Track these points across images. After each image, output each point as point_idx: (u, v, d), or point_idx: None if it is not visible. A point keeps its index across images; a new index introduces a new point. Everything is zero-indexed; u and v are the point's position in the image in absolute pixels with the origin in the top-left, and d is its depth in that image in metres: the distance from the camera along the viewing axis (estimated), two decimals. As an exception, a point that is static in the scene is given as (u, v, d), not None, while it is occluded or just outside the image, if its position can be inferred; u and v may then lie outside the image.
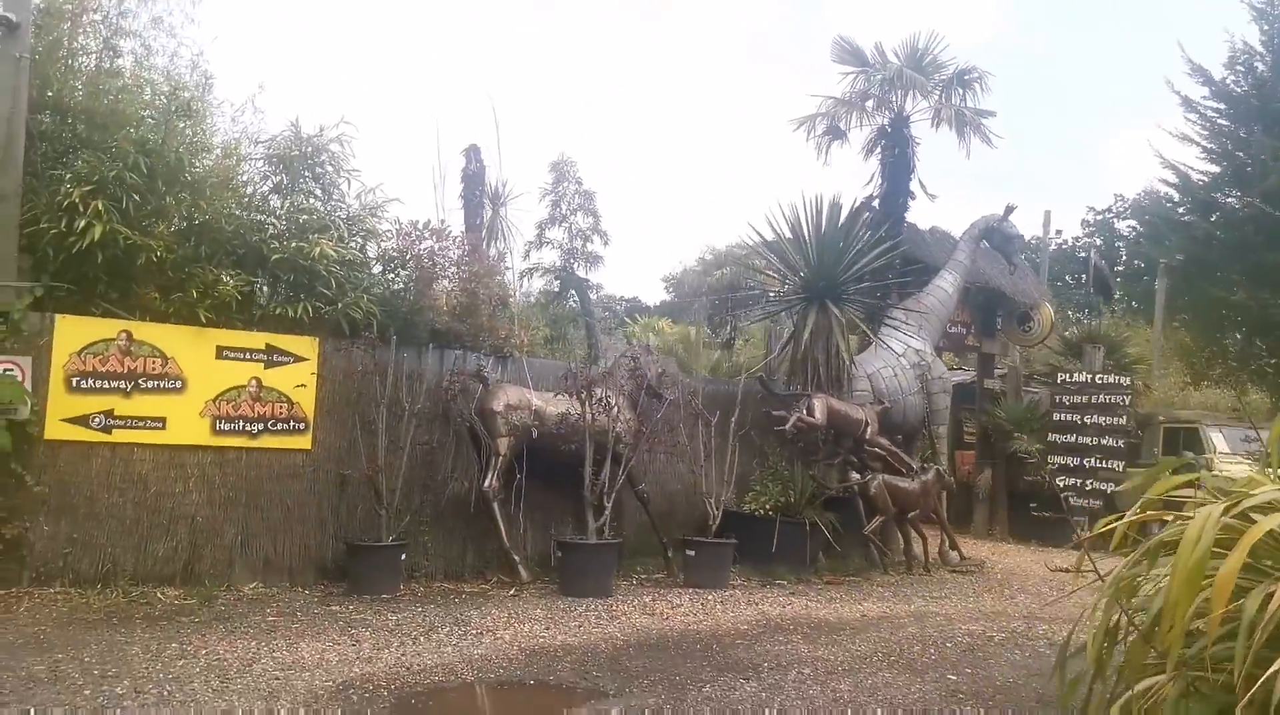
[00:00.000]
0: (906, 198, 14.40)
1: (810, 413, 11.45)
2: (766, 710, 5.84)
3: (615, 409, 10.28)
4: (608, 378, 10.51)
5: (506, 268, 12.86)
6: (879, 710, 5.94)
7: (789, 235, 12.55)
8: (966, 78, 14.50)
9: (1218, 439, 16.40)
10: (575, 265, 16.88)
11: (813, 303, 12.24)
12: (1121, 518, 4.28)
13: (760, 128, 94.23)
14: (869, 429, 12.09)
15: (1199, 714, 3.15)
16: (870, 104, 14.55)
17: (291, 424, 9.52)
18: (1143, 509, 4.16)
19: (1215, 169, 30.08)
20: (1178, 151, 32.58)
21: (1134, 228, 39.44)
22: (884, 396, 13.01)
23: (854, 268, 12.42)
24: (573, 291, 16.26)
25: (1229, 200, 29.51)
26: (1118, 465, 16.32)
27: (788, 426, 11.27)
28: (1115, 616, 3.83)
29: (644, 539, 11.35)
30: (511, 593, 9.53)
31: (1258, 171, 27.36)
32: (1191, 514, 3.82)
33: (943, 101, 14.32)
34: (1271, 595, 2.88)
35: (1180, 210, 31.55)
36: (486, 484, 9.91)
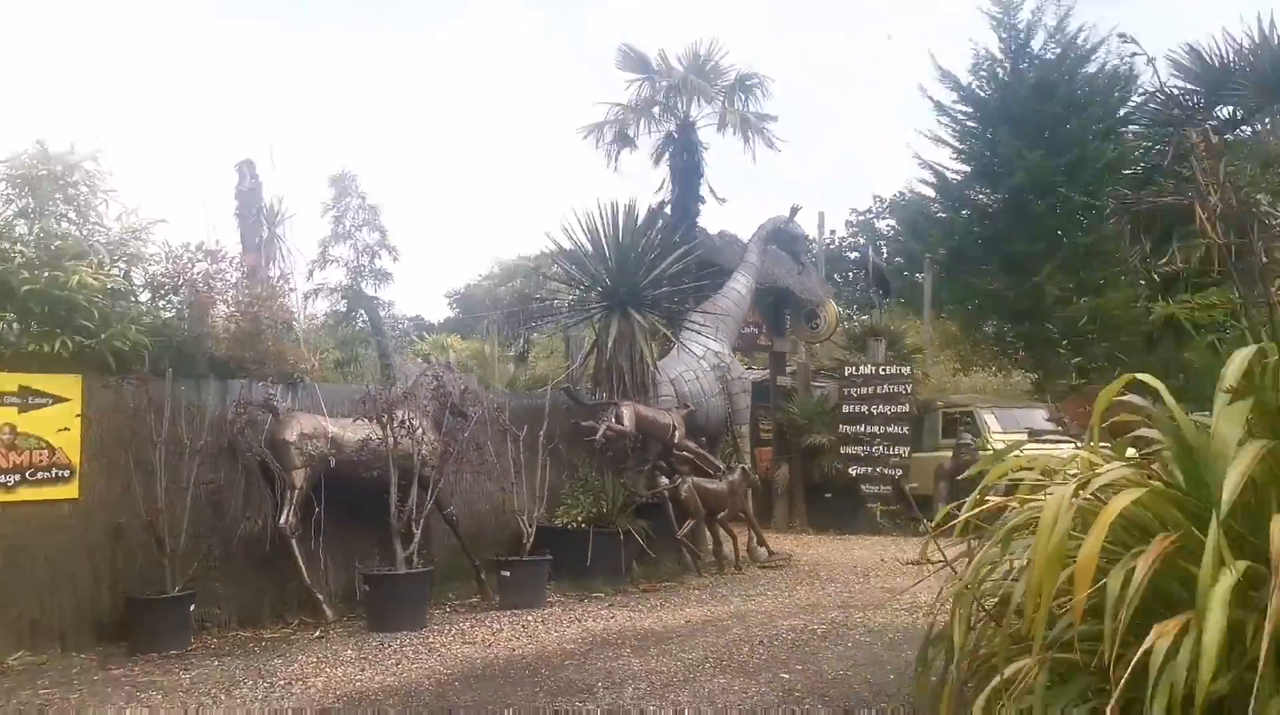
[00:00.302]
0: (697, 202, 14.61)
1: (619, 421, 11.35)
2: (609, 732, 5.64)
3: (419, 431, 9.84)
4: (409, 399, 10.04)
5: (291, 289, 12.10)
6: (722, 719, 5.85)
7: (587, 243, 12.42)
8: (748, 83, 14.84)
9: (990, 420, 17.42)
10: (364, 283, 16.22)
11: (614, 310, 12.16)
12: (961, 504, 4.31)
13: (548, 137, 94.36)
14: (677, 433, 12.11)
15: (1068, 695, 3.16)
16: (657, 110, 14.67)
17: (54, 472, 8.54)
18: (981, 494, 4.20)
19: (967, 168, 32.40)
20: (933, 153, 34.74)
21: (893, 227, 41.90)
22: (688, 400, 13.09)
23: (653, 273, 12.43)
24: (362, 311, 15.59)
25: (980, 197, 31.82)
26: (903, 451, 17.12)
27: (598, 436, 11.13)
28: (972, 605, 3.86)
29: (455, 563, 10.91)
30: (317, 634, 8.90)
31: (1005, 169, 29.61)
32: (1039, 498, 3.88)
33: (726, 106, 14.61)
34: (1132, 572, 2.90)
35: (937, 207, 33.82)
36: (283, 520, 9.24)
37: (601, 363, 12.21)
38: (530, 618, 9.42)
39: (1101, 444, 3.95)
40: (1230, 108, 17.86)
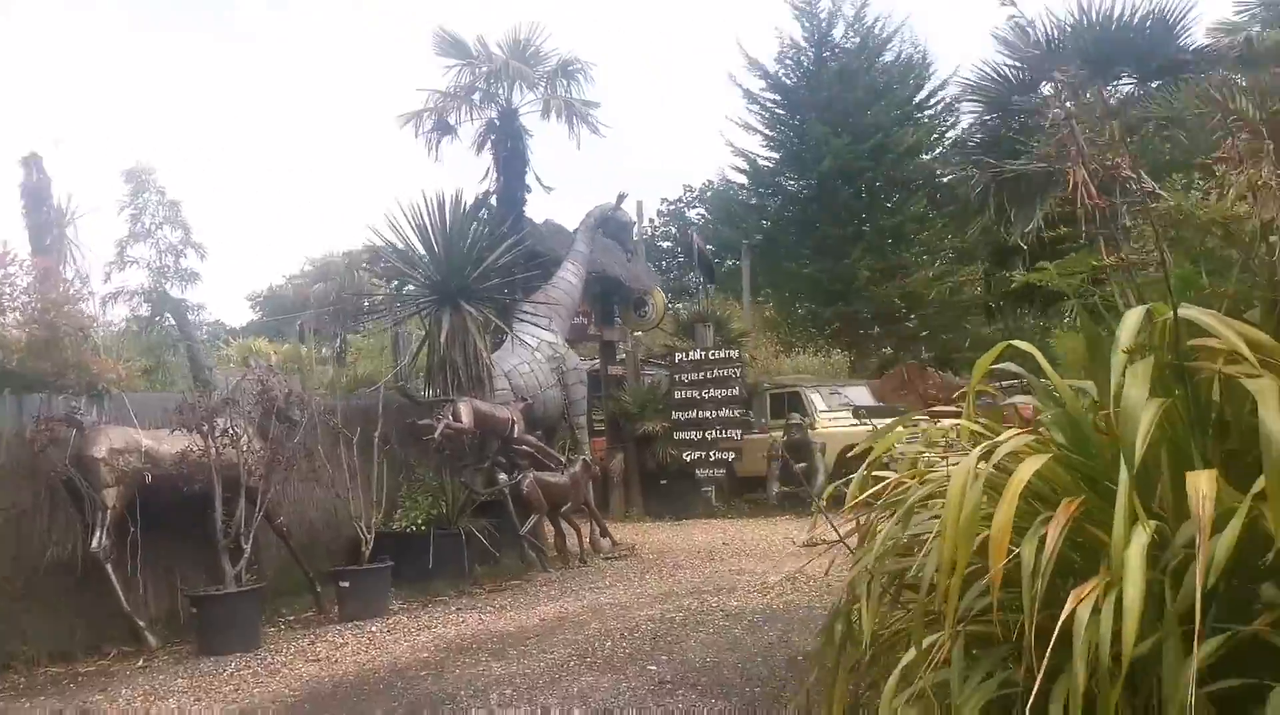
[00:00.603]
0: (523, 191, 14.28)
1: (457, 418, 10.97)
2: (481, 744, 5.36)
3: (244, 439, 9.21)
4: (230, 405, 9.37)
5: (89, 293, 11.12)
6: (597, 718, 5.66)
7: (413, 236, 11.95)
8: (570, 69, 14.61)
9: (816, 399, 17.89)
10: (168, 285, 15.10)
11: (445, 304, 11.75)
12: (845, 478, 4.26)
13: (364, 128, 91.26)
14: (516, 428, 11.83)
15: (986, 665, 3.12)
16: (478, 97, 14.26)
17: None
18: (870, 468, 4.15)
19: (777, 155, 33.25)
20: (745, 141, 35.51)
21: (703, 215, 42.65)
22: (524, 393, 12.81)
23: (483, 265, 12.06)
24: (167, 314, 14.50)
25: (790, 183, 32.74)
26: (736, 433, 17.34)
27: (436, 434, 10.71)
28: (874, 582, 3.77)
29: (286, 576, 10.28)
30: (140, 664, 8.18)
31: (813, 156, 30.54)
32: (936, 470, 3.85)
33: (550, 93, 14.35)
34: (1043, 539, 2.87)
35: (749, 194, 34.59)
36: (95, 544, 8.46)
37: (434, 359, 11.79)
38: (374, 628, 8.97)
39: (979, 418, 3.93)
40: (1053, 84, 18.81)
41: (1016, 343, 3.86)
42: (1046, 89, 6.64)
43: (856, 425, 17.28)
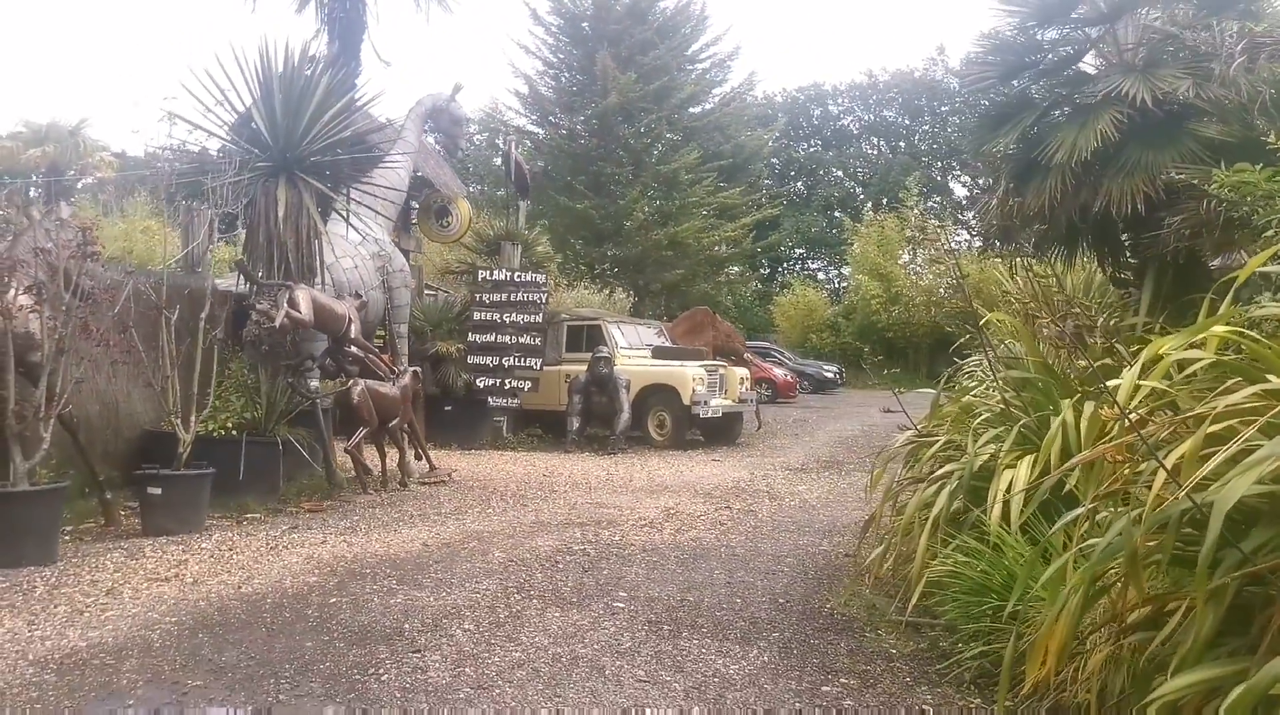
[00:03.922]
0: (358, 63, 12.50)
1: (294, 306, 9.37)
2: (497, 688, 4.30)
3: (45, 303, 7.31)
4: (40, 257, 7.39)
5: None
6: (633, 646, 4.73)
7: (247, 90, 10.01)
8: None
9: (618, 335, 17.24)
10: None
11: (278, 175, 9.98)
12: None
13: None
14: (352, 327, 10.32)
15: None
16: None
17: None
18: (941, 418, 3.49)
19: (557, 84, 32.17)
20: (525, 64, 34.05)
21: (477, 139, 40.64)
22: (345, 291, 11.26)
23: (317, 134, 10.32)
24: None
25: (568, 115, 31.80)
26: (535, 362, 16.37)
27: (277, 323, 9.08)
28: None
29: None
30: (-111, 577, 6.29)
31: (599, 88, 29.76)
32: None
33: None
34: None
35: (524, 120, 33.32)
36: None
37: (259, 237, 9.99)
38: (204, 545, 7.45)
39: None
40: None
41: None
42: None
43: (658, 364, 16.86)
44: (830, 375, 33.69)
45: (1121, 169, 5.82)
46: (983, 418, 5.75)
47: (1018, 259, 7.50)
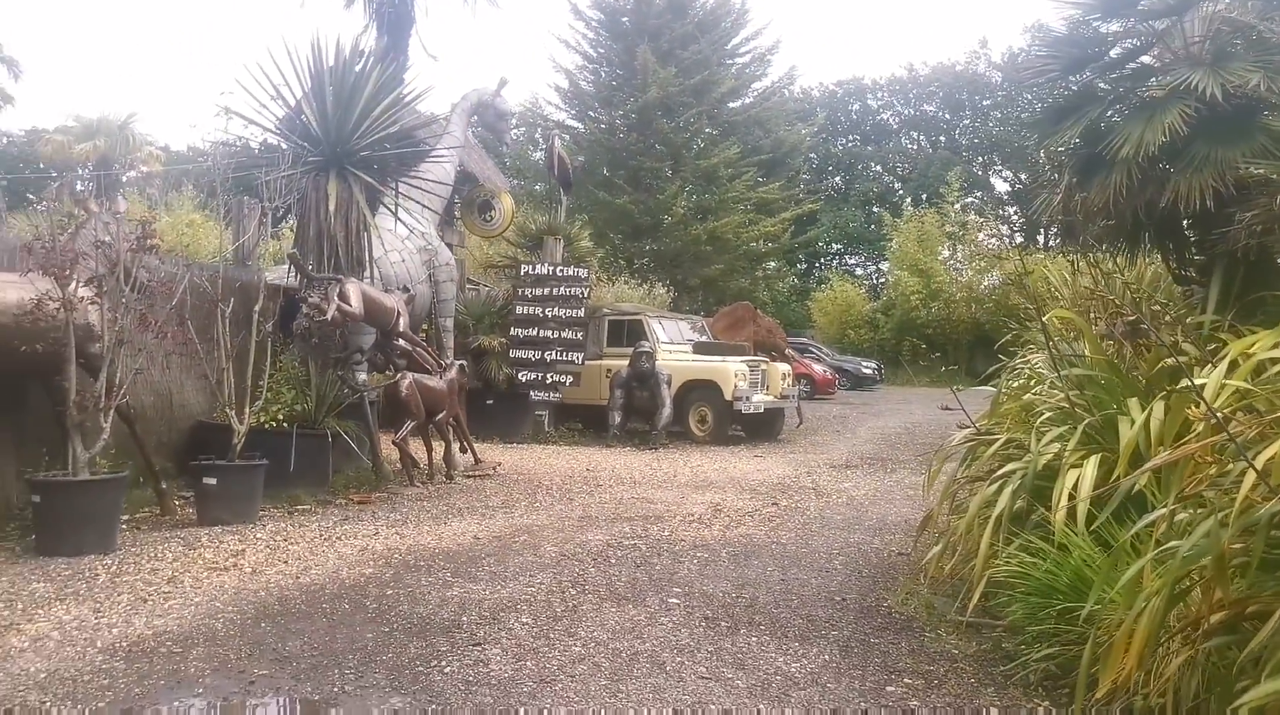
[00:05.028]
0: (405, 58, 12.54)
1: (345, 300, 9.42)
2: (560, 685, 4.29)
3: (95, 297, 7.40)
4: (101, 249, 7.48)
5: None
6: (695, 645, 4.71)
7: (298, 84, 10.08)
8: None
9: (659, 329, 17.21)
10: None
11: (328, 170, 10.04)
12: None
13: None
14: (401, 320, 10.37)
15: None
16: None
17: None
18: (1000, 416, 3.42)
19: (597, 77, 32.16)
20: (566, 58, 33.91)
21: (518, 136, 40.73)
22: (392, 284, 11.31)
23: (367, 129, 10.36)
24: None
25: (609, 110, 31.75)
26: (577, 357, 16.39)
27: (328, 316, 9.14)
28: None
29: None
30: (-45, 563, 6.39)
31: (639, 83, 29.68)
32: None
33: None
34: None
35: (564, 115, 33.33)
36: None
37: (310, 231, 10.06)
38: (259, 536, 7.52)
39: None
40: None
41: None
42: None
43: (699, 360, 16.82)
44: (869, 372, 33.47)
45: (1190, 164, 5.71)
46: (1045, 416, 5.68)
47: (1081, 255, 7.39)
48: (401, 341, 10.63)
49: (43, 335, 7.05)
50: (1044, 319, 6.13)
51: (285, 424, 9.56)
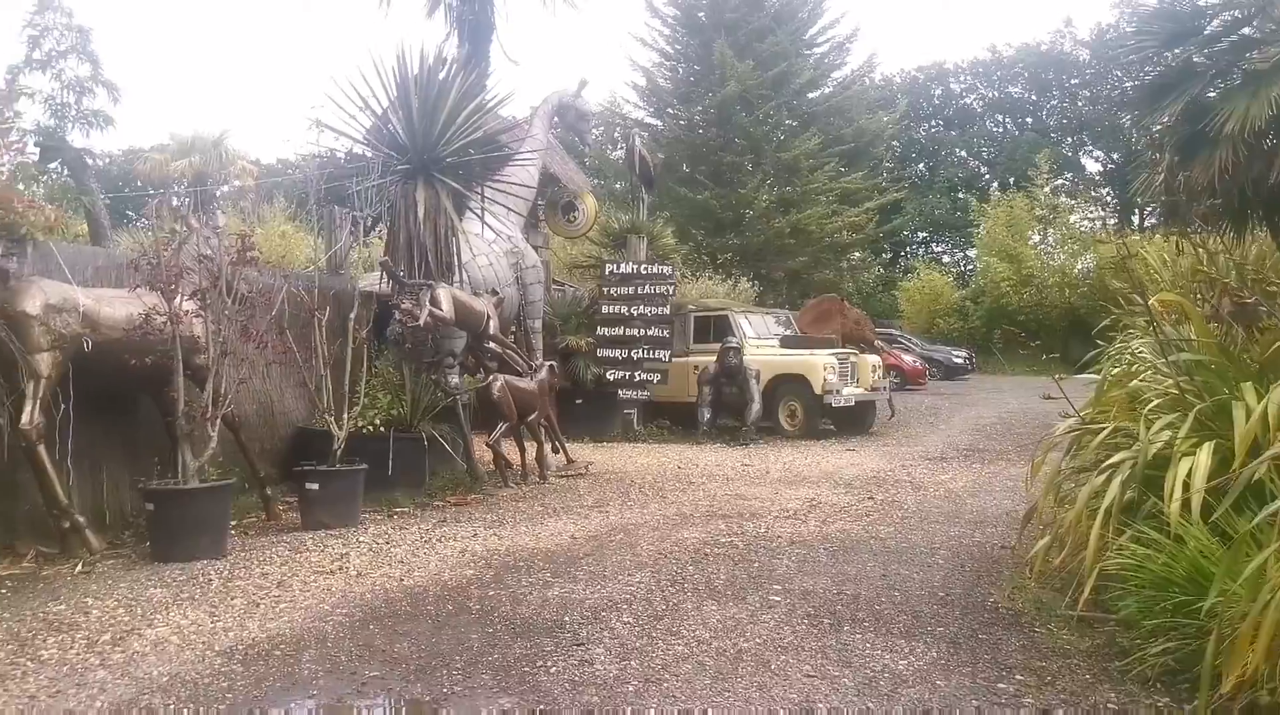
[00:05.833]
0: (487, 63, 12.70)
1: (436, 305, 9.57)
2: (663, 680, 4.30)
3: (209, 309, 7.64)
4: (204, 263, 7.74)
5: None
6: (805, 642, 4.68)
7: (384, 94, 10.27)
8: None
9: (745, 325, 17.14)
10: (69, 127, 12.56)
11: (416, 177, 10.21)
12: None
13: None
14: (491, 323, 10.50)
15: None
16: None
17: None
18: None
19: (675, 73, 32.12)
20: (642, 56, 33.96)
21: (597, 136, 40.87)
22: (480, 288, 11.44)
23: (452, 136, 10.50)
24: (63, 164, 12.06)
25: (687, 106, 31.68)
26: (664, 354, 16.38)
27: (421, 321, 9.30)
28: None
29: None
30: (80, 570, 6.64)
31: (717, 78, 29.57)
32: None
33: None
34: None
35: (643, 113, 33.36)
36: (27, 420, 6.79)
37: (400, 238, 10.25)
38: (361, 539, 7.68)
39: None
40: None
41: None
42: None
43: (786, 354, 16.69)
44: (960, 361, 32.85)
45: (1300, 137, 5.51)
46: (1153, 404, 5.50)
47: (1182, 235, 7.16)
48: (492, 344, 10.77)
49: (151, 348, 7.32)
50: (1149, 303, 5.94)
51: (382, 428, 9.76)
